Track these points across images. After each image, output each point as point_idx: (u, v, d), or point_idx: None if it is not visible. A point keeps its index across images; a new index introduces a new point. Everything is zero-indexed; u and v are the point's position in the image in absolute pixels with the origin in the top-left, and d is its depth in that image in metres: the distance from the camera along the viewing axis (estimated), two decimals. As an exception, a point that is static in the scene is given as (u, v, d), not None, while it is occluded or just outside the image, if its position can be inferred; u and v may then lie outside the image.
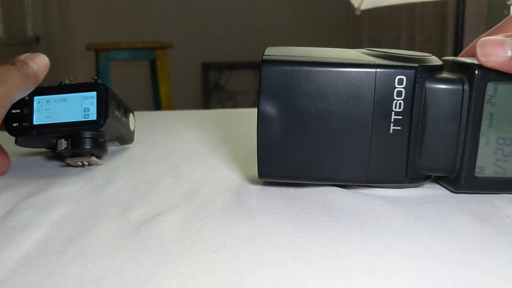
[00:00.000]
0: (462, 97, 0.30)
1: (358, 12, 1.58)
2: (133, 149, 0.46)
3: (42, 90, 0.38)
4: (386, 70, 0.30)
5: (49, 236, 0.27)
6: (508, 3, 2.06)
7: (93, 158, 0.39)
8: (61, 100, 0.38)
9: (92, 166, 0.40)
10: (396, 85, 0.30)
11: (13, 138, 0.38)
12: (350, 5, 1.63)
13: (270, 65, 0.30)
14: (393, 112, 0.30)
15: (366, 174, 0.31)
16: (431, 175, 0.33)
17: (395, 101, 0.30)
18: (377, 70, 0.30)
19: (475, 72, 0.30)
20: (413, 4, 2.54)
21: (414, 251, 0.24)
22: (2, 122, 0.37)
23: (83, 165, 0.40)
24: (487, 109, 0.30)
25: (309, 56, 0.31)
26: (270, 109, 0.31)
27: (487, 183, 0.31)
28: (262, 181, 0.35)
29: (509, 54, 0.29)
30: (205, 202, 0.32)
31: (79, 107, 0.38)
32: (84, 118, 0.38)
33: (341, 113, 0.30)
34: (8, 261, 0.24)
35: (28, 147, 0.41)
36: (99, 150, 0.39)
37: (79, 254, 0.24)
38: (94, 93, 0.38)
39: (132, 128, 0.45)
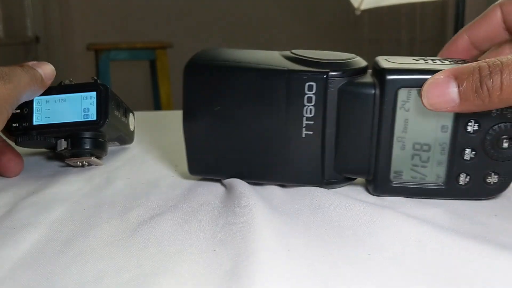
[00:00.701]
0: (374, 102, 0.30)
1: (358, 12, 1.58)
2: (133, 149, 0.46)
3: None
4: (296, 75, 0.30)
5: (48, 236, 0.27)
6: (508, 3, 2.06)
7: (93, 158, 0.39)
8: (61, 100, 0.38)
9: (92, 166, 0.40)
10: (306, 91, 0.30)
11: (14, 139, 0.38)
12: (350, 5, 1.63)
13: (192, 70, 0.32)
14: (304, 118, 0.31)
15: (289, 175, 0.33)
16: (353, 177, 0.33)
17: (306, 107, 0.31)
18: (289, 76, 0.30)
19: (386, 77, 0.29)
20: (413, 4, 2.54)
21: (407, 249, 0.24)
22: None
23: (83, 165, 0.40)
24: (400, 115, 0.29)
25: (227, 61, 0.32)
26: (193, 111, 0.32)
27: (405, 188, 0.31)
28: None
29: (456, 98, 0.26)
30: (204, 202, 0.32)
31: (79, 107, 0.38)
32: (84, 118, 0.38)
33: (258, 118, 0.31)
34: (7, 261, 0.24)
35: (28, 147, 0.41)
36: (99, 150, 0.39)
37: (78, 254, 0.25)
38: (94, 93, 0.38)
39: (132, 128, 0.45)
